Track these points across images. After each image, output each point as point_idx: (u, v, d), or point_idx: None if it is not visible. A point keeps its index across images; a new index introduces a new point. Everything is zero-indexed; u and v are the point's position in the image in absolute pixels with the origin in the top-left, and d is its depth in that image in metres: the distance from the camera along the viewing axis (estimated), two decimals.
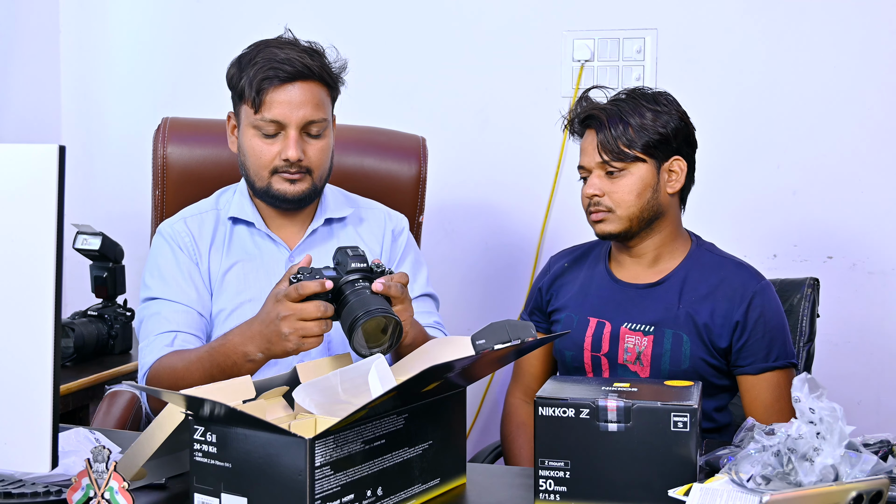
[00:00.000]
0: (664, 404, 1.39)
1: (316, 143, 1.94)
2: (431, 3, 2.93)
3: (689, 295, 2.00)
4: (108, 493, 1.29)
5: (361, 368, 1.49)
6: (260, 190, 1.96)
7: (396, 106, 2.92)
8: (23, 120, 3.07)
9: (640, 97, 2.01)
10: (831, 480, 1.30)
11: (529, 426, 2.12)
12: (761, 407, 1.97)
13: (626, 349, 2.00)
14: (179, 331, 1.89)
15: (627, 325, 2.01)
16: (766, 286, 2.01)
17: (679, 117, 2.02)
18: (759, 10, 2.71)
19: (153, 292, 1.94)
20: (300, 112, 1.90)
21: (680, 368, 1.97)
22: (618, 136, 1.97)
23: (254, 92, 1.89)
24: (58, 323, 1.27)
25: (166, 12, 3.16)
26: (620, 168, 1.98)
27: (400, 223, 2.12)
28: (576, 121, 2.07)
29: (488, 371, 2.04)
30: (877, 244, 2.66)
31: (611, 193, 1.99)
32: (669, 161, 2.02)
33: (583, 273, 2.12)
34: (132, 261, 2.69)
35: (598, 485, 1.42)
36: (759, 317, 1.97)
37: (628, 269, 2.07)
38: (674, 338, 1.98)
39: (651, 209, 2.00)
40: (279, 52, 1.91)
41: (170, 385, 1.77)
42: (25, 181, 1.28)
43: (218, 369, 1.72)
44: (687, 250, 2.07)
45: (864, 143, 2.66)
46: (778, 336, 1.99)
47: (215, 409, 1.30)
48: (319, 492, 1.27)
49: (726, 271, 2.02)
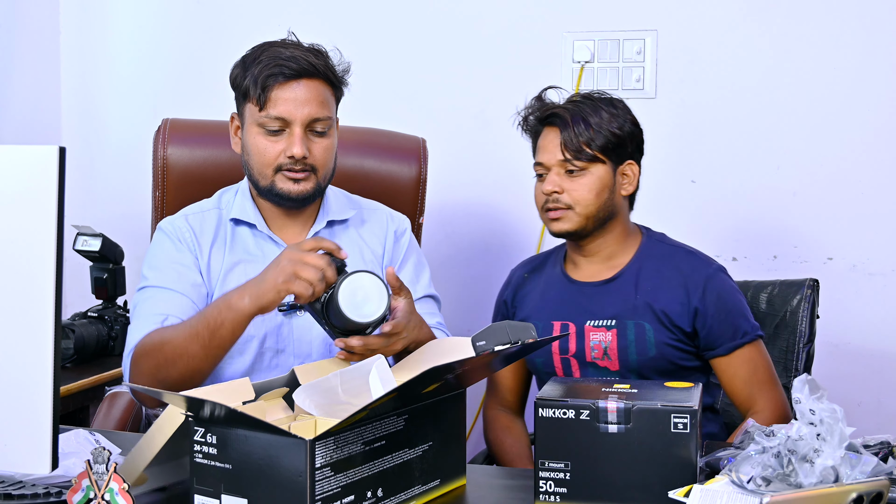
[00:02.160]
0: (664, 405, 1.39)
1: (321, 142, 1.94)
2: (432, 4, 2.93)
3: (645, 285, 2.04)
4: (108, 495, 1.29)
5: (362, 369, 1.49)
6: (264, 189, 1.95)
7: (397, 107, 2.92)
8: (23, 121, 3.07)
9: (598, 100, 2.07)
10: (832, 482, 1.30)
11: (512, 428, 2.17)
12: (740, 383, 2.02)
13: (593, 346, 2.04)
14: (171, 314, 1.86)
15: (590, 322, 2.05)
16: (717, 270, 2.07)
17: (632, 122, 2.08)
18: (759, 12, 2.71)
19: (149, 281, 1.93)
20: (305, 109, 1.90)
21: (648, 356, 2.01)
22: (580, 135, 2.02)
23: (259, 89, 1.89)
24: (58, 324, 1.27)
25: (166, 14, 3.16)
26: (581, 167, 2.03)
27: (402, 224, 2.12)
28: (531, 118, 2.11)
29: (487, 373, 2.05)
30: (877, 245, 2.67)
31: (570, 191, 2.03)
32: (624, 164, 2.07)
33: (541, 280, 2.17)
34: (132, 262, 2.69)
35: (598, 486, 1.41)
36: (717, 300, 2.02)
37: (584, 269, 2.11)
38: (636, 328, 2.02)
39: (606, 209, 2.05)
40: (284, 51, 1.92)
41: (155, 350, 1.76)
42: (25, 182, 1.28)
43: (203, 323, 1.71)
44: (638, 243, 2.11)
45: (865, 144, 2.66)
46: (739, 314, 2.04)
47: (215, 411, 1.30)
48: (320, 493, 1.27)
49: (678, 259, 2.07)
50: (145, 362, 1.77)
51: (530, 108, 2.12)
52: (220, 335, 1.70)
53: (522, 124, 2.13)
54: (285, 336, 1.94)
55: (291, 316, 1.94)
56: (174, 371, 1.73)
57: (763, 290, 2.30)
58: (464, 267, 2.93)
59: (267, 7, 3.04)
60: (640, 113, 2.77)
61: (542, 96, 2.12)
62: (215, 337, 1.70)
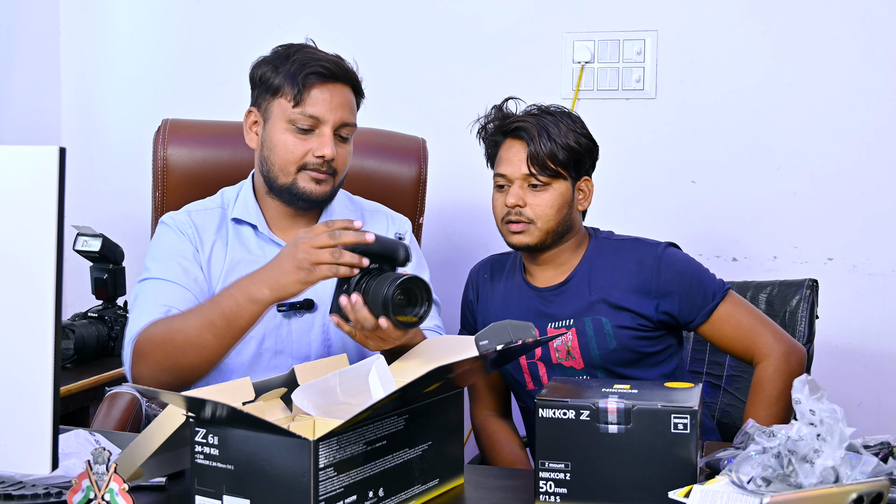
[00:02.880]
0: (664, 406, 1.39)
1: (345, 147, 1.95)
2: (432, 4, 2.93)
3: (598, 282, 2.07)
4: (108, 495, 1.29)
5: (360, 369, 1.49)
6: (282, 186, 1.94)
7: (397, 107, 2.92)
8: (23, 121, 3.07)
9: (557, 114, 2.08)
10: (832, 482, 1.30)
11: (501, 431, 2.17)
12: (731, 341, 2.05)
13: (556, 347, 2.07)
14: (174, 306, 1.85)
15: (551, 325, 2.07)
16: (665, 247, 2.08)
17: (588, 137, 2.10)
18: (760, 12, 2.71)
19: (151, 273, 1.92)
20: (339, 113, 1.91)
21: (609, 349, 2.03)
22: (546, 151, 2.02)
23: (298, 85, 1.88)
24: (58, 324, 1.27)
25: (166, 14, 3.16)
26: (544, 182, 2.04)
27: (403, 226, 2.12)
28: (490, 126, 2.12)
29: (481, 374, 2.05)
30: (877, 246, 2.67)
31: (532, 206, 2.04)
32: (581, 180, 2.09)
33: (502, 285, 2.18)
34: (132, 262, 2.69)
35: (598, 486, 1.42)
36: (675, 276, 2.04)
37: (539, 277, 2.13)
38: (594, 323, 2.04)
39: (565, 224, 2.07)
40: (317, 53, 1.93)
41: (163, 339, 1.75)
42: (26, 183, 1.28)
43: (218, 313, 1.70)
44: (587, 245, 2.13)
45: (865, 144, 2.66)
46: (700, 280, 2.06)
47: (217, 411, 1.30)
48: (323, 493, 1.27)
49: (625, 250, 2.09)
50: (152, 351, 1.76)
51: (490, 117, 2.13)
52: (237, 325, 1.70)
53: (481, 132, 2.14)
54: (284, 337, 1.94)
55: (291, 317, 1.94)
56: (184, 360, 1.73)
57: (763, 291, 2.31)
58: (463, 267, 2.91)
59: (267, 8, 3.04)
60: (640, 113, 2.78)
61: (503, 106, 2.13)
62: (232, 327, 1.70)
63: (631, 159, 2.79)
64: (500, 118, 2.11)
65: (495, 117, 2.12)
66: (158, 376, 1.74)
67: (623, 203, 2.74)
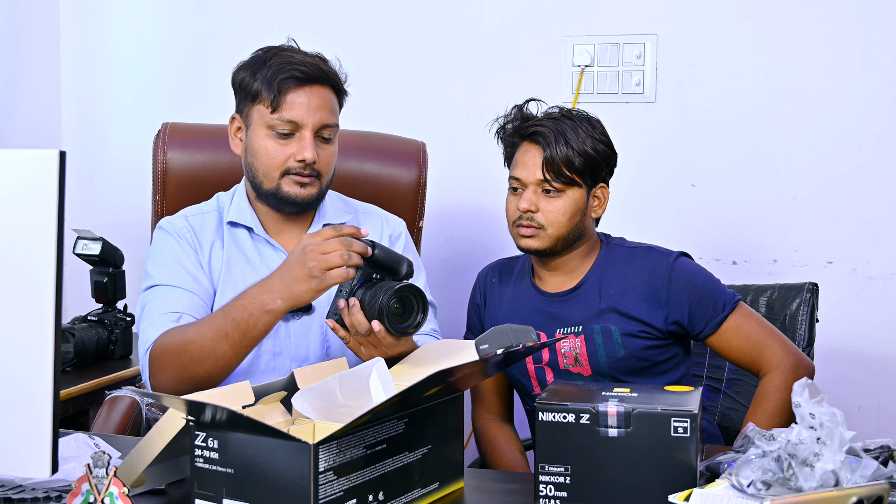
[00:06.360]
0: (664, 409, 1.39)
1: (327, 148, 1.95)
2: (431, 8, 2.94)
3: (608, 289, 2.05)
4: (108, 499, 1.29)
5: (360, 373, 1.49)
6: (267, 192, 1.95)
7: (396, 111, 2.92)
8: (23, 125, 3.08)
9: (578, 119, 2.06)
10: (832, 486, 1.30)
11: (502, 435, 2.16)
12: (739, 352, 2.04)
13: (564, 353, 2.06)
14: (185, 312, 1.86)
15: (560, 330, 2.06)
16: (677, 256, 2.07)
17: (607, 144, 2.08)
18: (759, 16, 2.71)
19: (156, 280, 1.93)
20: (318, 115, 1.91)
21: (616, 358, 2.02)
22: (562, 158, 2.01)
23: (274, 91, 1.89)
24: (58, 328, 1.27)
25: (167, 19, 3.16)
26: (558, 189, 2.02)
27: (397, 228, 2.12)
28: (509, 126, 2.10)
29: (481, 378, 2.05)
30: (877, 249, 2.67)
31: (545, 212, 2.03)
32: (597, 187, 2.08)
33: (510, 289, 2.17)
34: (132, 266, 2.69)
35: (598, 490, 1.41)
36: (686, 286, 2.03)
37: (548, 282, 2.12)
38: (603, 331, 2.03)
39: (577, 231, 2.06)
40: (295, 56, 1.93)
41: (178, 350, 1.75)
42: (26, 186, 1.28)
43: (233, 325, 1.71)
44: (598, 251, 2.12)
45: (864, 148, 2.66)
46: (711, 290, 2.04)
47: (217, 414, 1.30)
48: (323, 497, 1.27)
49: (637, 258, 2.08)
50: (169, 362, 1.77)
51: (510, 117, 2.11)
52: (251, 336, 1.72)
53: (500, 132, 2.13)
54: (283, 339, 1.94)
55: (289, 319, 1.94)
56: (201, 370, 1.74)
57: (763, 294, 2.30)
58: (463, 270, 2.93)
59: (267, 11, 3.05)
60: (639, 117, 2.78)
61: (524, 107, 2.11)
62: (246, 337, 1.71)
63: (631, 163, 2.77)
64: (520, 119, 2.09)
65: (515, 118, 2.10)
66: (177, 386, 1.75)
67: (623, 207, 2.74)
